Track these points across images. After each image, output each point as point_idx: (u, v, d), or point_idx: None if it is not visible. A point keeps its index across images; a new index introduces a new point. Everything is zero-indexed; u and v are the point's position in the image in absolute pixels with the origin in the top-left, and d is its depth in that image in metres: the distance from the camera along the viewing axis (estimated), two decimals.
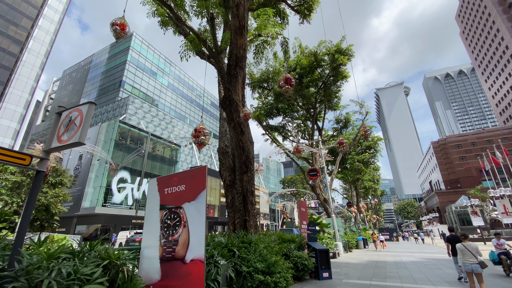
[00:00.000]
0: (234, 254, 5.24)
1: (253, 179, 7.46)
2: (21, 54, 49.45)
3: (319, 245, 9.26)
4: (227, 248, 5.21)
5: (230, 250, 5.27)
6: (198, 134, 6.49)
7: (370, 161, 41.42)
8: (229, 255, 5.13)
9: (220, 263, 4.59)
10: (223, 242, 5.29)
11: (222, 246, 5.18)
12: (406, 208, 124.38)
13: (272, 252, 5.34)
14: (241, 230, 7.04)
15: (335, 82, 25.94)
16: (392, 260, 14.51)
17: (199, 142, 6.41)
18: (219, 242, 5.25)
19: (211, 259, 4.70)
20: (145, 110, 53.46)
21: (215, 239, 5.47)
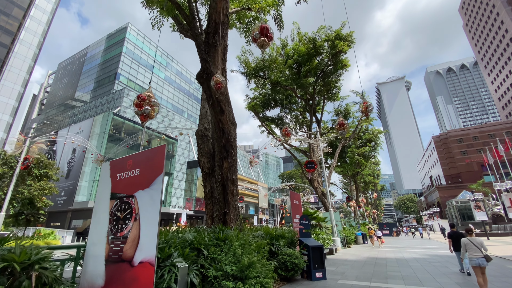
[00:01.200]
0: (202, 254, 4.26)
1: (235, 166, 6.43)
2: (12, 45, 48.07)
3: (312, 241, 8.27)
4: (192, 246, 4.22)
5: (197, 249, 4.29)
6: (142, 102, 5.39)
7: (370, 155, 40.38)
8: (195, 255, 4.15)
9: (178, 266, 3.59)
10: (188, 240, 4.29)
11: (186, 244, 4.20)
12: (406, 203, 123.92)
13: (248, 251, 4.34)
14: (218, 225, 6.05)
15: (335, 71, 24.77)
16: (393, 257, 13.58)
17: (143, 113, 5.31)
18: (182, 240, 4.26)
19: (167, 261, 3.70)
20: None
21: (180, 235, 4.47)
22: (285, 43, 25.05)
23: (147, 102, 5.33)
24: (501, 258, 12.52)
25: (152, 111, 5.45)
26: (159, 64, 69.77)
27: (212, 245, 4.56)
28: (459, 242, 8.21)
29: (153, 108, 5.48)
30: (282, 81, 23.61)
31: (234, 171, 6.33)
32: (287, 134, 10.72)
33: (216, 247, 4.69)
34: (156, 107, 5.56)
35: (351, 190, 45.75)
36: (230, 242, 4.61)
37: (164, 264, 3.66)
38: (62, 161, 43.78)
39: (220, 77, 5.34)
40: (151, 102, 5.41)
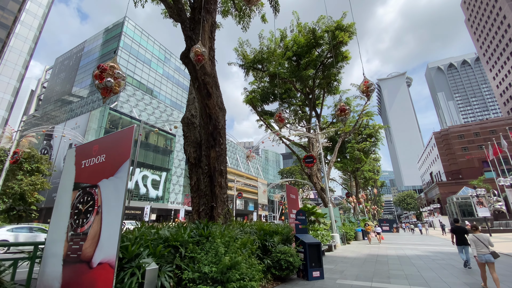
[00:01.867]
0: (179, 253, 3.69)
1: (224, 156, 5.84)
2: (8, 39, 47.19)
3: (309, 237, 7.71)
4: (168, 244, 3.64)
5: (174, 247, 3.72)
6: (103, 73, 4.73)
7: (370, 150, 39.77)
8: (171, 254, 3.58)
9: (145, 267, 3.02)
10: (163, 237, 3.72)
11: (159, 242, 3.63)
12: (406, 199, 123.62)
13: (233, 250, 3.77)
14: (203, 220, 5.49)
15: (335, 64, 24.06)
16: (394, 254, 13.05)
17: (104, 87, 4.64)
18: (157, 236, 3.69)
19: (132, 262, 3.12)
20: (138, 98, 51.53)
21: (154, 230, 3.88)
22: (284, 34, 24.30)
23: (109, 73, 4.64)
24: (508, 255, 12.00)
25: (117, 85, 4.74)
26: (157, 59, 68.84)
27: (191, 242, 3.99)
28: (462, 237, 9.12)
29: (118, 81, 4.78)
30: (280, 73, 22.93)
31: (222, 161, 5.74)
32: (280, 120, 9.99)
33: (197, 244, 4.12)
34: (121, 81, 4.87)
35: (351, 186, 45.24)
36: (213, 239, 4.04)
37: (129, 265, 3.09)
38: (58, 156, 43.25)
39: (201, 48, 4.68)
40: (115, 74, 4.71)
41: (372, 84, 7.58)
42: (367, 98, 7.77)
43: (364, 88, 7.64)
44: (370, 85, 7.57)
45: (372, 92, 7.67)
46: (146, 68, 64.35)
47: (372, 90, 7.63)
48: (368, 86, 7.57)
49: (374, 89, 7.68)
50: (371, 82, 7.62)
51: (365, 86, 7.62)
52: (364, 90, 7.66)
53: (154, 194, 46.42)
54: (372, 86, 7.58)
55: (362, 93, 7.80)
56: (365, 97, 7.77)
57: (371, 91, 7.63)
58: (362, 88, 7.71)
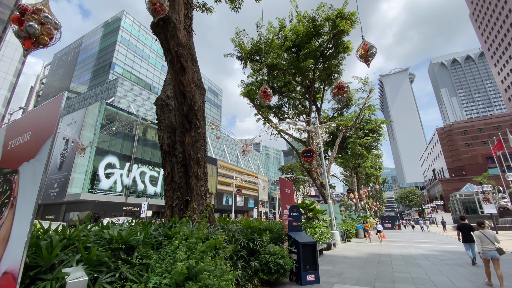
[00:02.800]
0: (130, 258, 2.88)
1: (202, 142, 5.00)
2: (4, 33, 46.41)
3: (303, 236, 6.88)
4: (113, 246, 2.83)
5: (124, 250, 2.91)
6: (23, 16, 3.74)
7: (372, 146, 38.81)
8: (116, 259, 2.77)
9: (66, 279, 2.21)
10: (107, 237, 2.91)
11: (101, 244, 2.82)
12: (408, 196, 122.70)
13: (198, 254, 2.94)
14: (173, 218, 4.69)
15: (336, 54, 23.07)
16: (398, 253, 12.22)
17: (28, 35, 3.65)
18: (98, 237, 2.88)
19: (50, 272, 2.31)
20: (135, 93, 50.70)
21: (94, 229, 3.06)
22: (283, 24, 23.32)
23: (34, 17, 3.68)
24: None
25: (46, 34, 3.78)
26: (156, 54, 67.87)
27: (148, 245, 3.17)
28: (468, 234, 9.14)
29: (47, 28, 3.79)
30: (279, 64, 21.99)
31: (199, 147, 4.90)
32: (266, 96, 8.99)
33: (156, 247, 3.30)
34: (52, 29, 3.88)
35: (352, 183, 44.35)
36: (176, 240, 3.23)
37: (43, 278, 2.27)
38: (55, 152, 42.61)
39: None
40: (42, 19, 3.74)
41: (372, 47, 6.58)
42: (367, 64, 6.78)
43: (362, 52, 6.66)
44: (370, 48, 6.52)
45: (373, 57, 6.67)
46: (144, 63, 63.45)
47: (373, 54, 6.62)
48: (368, 49, 6.54)
49: (375, 53, 6.68)
50: (372, 45, 6.62)
51: (364, 50, 6.62)
52: (363, 54, 6.68)
53: (152, 191, 45.77)
54: (373, 50, 6.58)
55: (360, 59, 6.83)
56: (365, 63, 6.80)
57: (372, 56, 6.63)
58: (360, 52, 6.73)
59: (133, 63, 60.35)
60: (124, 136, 42.89)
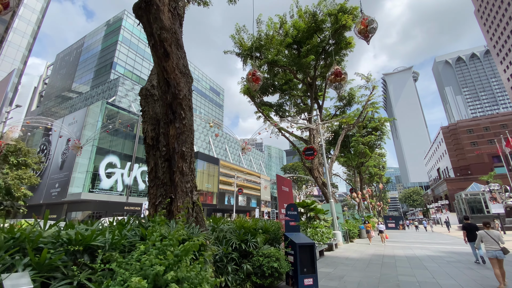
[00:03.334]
0: (92, 262, 2.48)
1: (187, 134, 4.58)
2: (6, 34, 46.47)
3: (301, 237, 6.43)
4: (66, 248, 2.42)
5: (88, 253, 2.50)
6: None
7: (376, 144, 38.16)
8: (71, 265, 2.36)
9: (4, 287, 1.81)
10: (65, 238, 2.50)
11: (58, 245, 2.42)
12: (412, 196, 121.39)
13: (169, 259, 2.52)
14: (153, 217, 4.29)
15: (338, 50, 22.56)
16: (402, 254, 11.71)
17: None
18: (53, 237, 2.47)
19: None
20: (136, 92, 50.49)
21: (51, 229, 2.64)
22: (284, 20, 22.84)
23: None
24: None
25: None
26: None
27: (117, 247, 2.77)
28: (473, 233, 9.34)
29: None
30: (279, 60, 21.53)
31: (185, 140, 4.49)
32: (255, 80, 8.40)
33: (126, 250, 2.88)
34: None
35: (355, 182, 43.70)
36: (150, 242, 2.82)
37: None
38: (56, 152, 42.59)
39: None
40: None
41: (373, 21, 6.04)
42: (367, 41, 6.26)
43: (361, 27, 6.14)
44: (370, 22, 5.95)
45: (373, 33, 6.14)
46: (146, 62, 63.32)
47: (373, 30, 6.08)
48: (368, 24, 5.97)
49: (375, 28, 6.15)
50: (372, 19, 6.08)
51: (363, 25, 6.08)
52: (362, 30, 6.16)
53: None
54: (373, 24, 6.04)
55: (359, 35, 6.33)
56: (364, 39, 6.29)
57: (372, 31, 6.09)
58: (359, 28, 6.21)
59: (135, 62, 60.25)
60: (125, 136, 42.75)
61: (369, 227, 17.93)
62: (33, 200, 42.55)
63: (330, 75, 7.88)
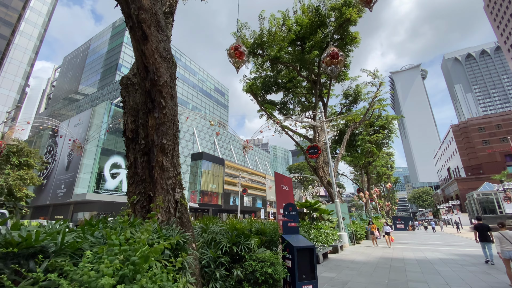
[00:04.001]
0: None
1: (169, 126, 4.13)
2: (12, 37, 47.25)
3: (300, 239, 5.90)
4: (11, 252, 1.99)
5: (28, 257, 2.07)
6: None
7: (383, 143, 37.18)
8: (8, 273, 1.94)
9: None
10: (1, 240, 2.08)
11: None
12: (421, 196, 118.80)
13: (125, 268, 2.06)
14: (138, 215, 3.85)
15: (343, 46, 21.87)
16: (412, 257, 11.03)
17: None
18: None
19: None
20: None
21: None
22: (287, 16, 22.29)
23: None
24: None
25: None
26: None
27: (65, 252, 2.32)
28: (485, 234, 9.45)
29: None
30: (282, 57, 20.99)
31: (165, 132, 4.03)
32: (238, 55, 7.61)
33: (78, 256, 2.43)
34: None
35: (362, 182, 42.73)
36: (106, 247, 2.36)
37: None
38: (62, 153, 42.96)
39: None
40: None
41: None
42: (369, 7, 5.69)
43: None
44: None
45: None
46: None
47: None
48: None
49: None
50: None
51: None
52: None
53: None
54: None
55: (361, 4, 5.77)
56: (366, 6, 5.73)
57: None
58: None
59: None
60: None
61: (373, 228, 16.60)
62: (40, 201, 42.98)
63: (325, 57, 7.32)
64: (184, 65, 74.27)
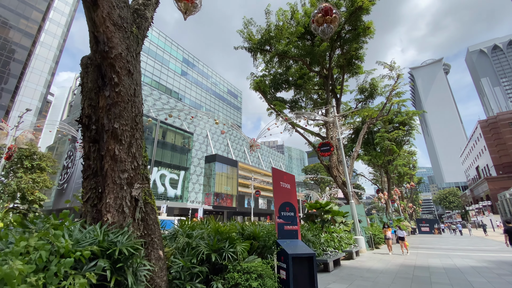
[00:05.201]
0: None
1: (125, 107, 3.40)
2: (33, 47, 49.60)
3: (298, 245, 4.95)
4: None
5: None
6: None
7: (404, 140, 35.00)
8: None
9: None
10: None
11: None
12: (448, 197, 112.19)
13: None
14: (87, 216, 3.15)
15: (355, 37, 20.56)
16: (439, 265, 9.67)
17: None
18: None
19: None
20: (155, 98, 51.40)
21: None
22: (295, 9, 21.37)
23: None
24: None
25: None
26: (175, 59, 68.98)
27: None
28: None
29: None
30: (289, 50, 20.05)
31: (119, 114, 3.31)
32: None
33: None
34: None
35: (382, 182, 40.50)
36: None
37: None
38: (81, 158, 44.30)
39: None
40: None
41: None
42: None
43: None
44: None
45: None
46: (164, 69, 64.61)
47: None
48: None
49: None
50: None
51: None
52: None
53: (173, 193, 45.66)
54: None
55: None
56: None
57: None
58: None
59: (153, 69, 61.63)
60: None
61: (387, 231, 14.01)
62: (61, 204, 44.46)
63: (316, 14, 6.36)
64: (193, 66, 75.17)
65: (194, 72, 74.84)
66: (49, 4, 52.14)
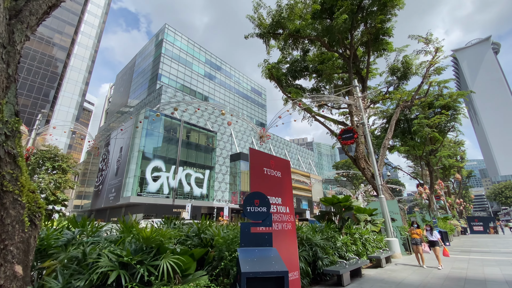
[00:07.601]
0: None
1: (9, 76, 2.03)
2: (68, 59, 53.26)
3: (267, 257, 3.22)
4: None
5: None
6: None
7: (447, 127, 30.57)
8: None
9: None
10: None
11: None
12: (504, 192, 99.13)
13: None
14: None
15: (382, 8, 17.85)
16: (499, 276, 7.15)
17: None
18: None
19: None
20: (179, 99, 52.12)
21: None
22: None
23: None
24: None
25: None
26: (198, 61, 69.73)
27: None
28: None
29: None
30: (303, 29, 18.00)
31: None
32: None
33: None
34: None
35: (423, 176, 36.04)
36: None
37: None
38: (112, 159, 46.31)
39: None
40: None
41: None
42: None
43: None
44: None
45: None
46: (188, 70, 65.57)
47: None
48: None
49: None
50: None
51: None
52: None
53: (199, 192, 45.73)
54: None
55: None
56: None
57: None
58: None
59: (178, 72, 62.80)
60: (168, 140, 44.04)
61: (416, 234, 9.87)
62: (98, 205, 47.00)
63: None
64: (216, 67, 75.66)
65: (218, 73, 75.15)
66: (80, 18, 55.63)
